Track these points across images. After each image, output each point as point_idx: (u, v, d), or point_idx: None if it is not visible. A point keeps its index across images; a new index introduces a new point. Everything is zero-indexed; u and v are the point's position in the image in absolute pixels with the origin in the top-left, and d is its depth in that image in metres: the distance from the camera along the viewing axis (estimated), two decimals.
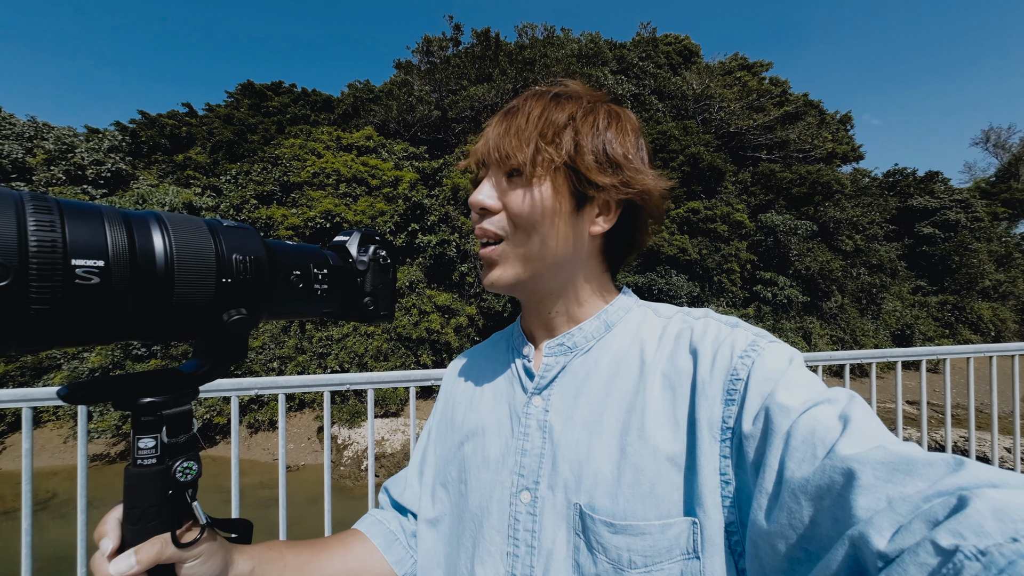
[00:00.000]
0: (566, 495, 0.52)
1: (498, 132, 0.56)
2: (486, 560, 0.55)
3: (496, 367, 0.69)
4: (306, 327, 10.58)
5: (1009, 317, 18.21)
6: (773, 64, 18.91)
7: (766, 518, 0.38)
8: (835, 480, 0.33)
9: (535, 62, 15.16)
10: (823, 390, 0.43)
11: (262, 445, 9.50)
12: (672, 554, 0.45)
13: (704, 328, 0.54)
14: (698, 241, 13.06)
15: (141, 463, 0.40)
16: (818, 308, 14.31)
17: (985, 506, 0.25)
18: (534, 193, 0.54)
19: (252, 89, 17.15)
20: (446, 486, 0.65)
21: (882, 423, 0.39)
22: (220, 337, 0.41)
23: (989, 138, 27.35)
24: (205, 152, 14.54)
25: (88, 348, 9.60)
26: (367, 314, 0.57)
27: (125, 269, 0.33)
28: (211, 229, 0.40)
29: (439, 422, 0.73)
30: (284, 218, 11.11)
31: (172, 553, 0.41)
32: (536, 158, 0.53)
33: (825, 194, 14.99)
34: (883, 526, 0.28)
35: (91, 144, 12.34)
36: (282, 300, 0.46)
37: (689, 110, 16.44)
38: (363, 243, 0.57)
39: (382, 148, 13.69)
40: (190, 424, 0.43)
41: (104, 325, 0.34)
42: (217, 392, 1.46)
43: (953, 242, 19.03)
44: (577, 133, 0.54)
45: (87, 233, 0.32)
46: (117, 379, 0.39)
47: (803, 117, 17.13)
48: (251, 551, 0.52)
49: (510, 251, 0.57)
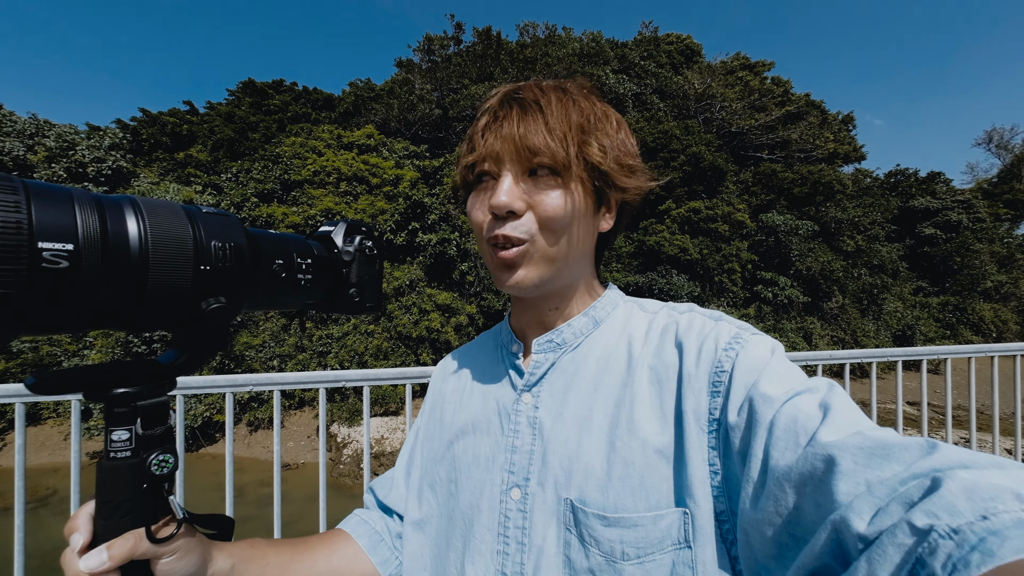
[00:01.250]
0: (556, 491, 0.52)
1: (525, 128, 0.52)
2: (476, 559, 0.54)
3: (485, 366, 0.69)
4: (306, 325, 10.57)
5: (1011, 318, 18.16)
6: (775, 64, 18.86)
7: (753, 506, 0.39)
8: (817, 467, 0.35)
9: (536, 61, 15.15)
10: (804, 380, 0.44)
11: (262, 443, 9.51)
12: (664, 545, 0.45)
13: (689, 322, 0.55)
14: (699, 241, 13.04)
15: (115, 456, 0.39)
16: (819, 308, 14.28)
17: (957, 486, 0.26)
18: (571, 195, 0.53)
19: (253, 87, 17.16)
20: (434, 487, 0.64)
21: (860, 410, 0.40)
22: (198, 326, 0.40)
23: (992, 139, 27.28)
24: (206, 150, 14.55)
25: (89, 345, 9.62)
26: (352, 305, 0.56)
27: (96, 253, 0.32)
28: (189, 215, 0.39)
29: (427, 422, 0.72)
30: (285, 216, 11.11)
31: (147, 548, 0.40)
32: (578, 158, 0.52)
33: (826, 194, 14.96)
34: (863, 509, 0.29)
35: (92, 142, 12.34)
36: (264, 290, 0.45)
37: (691, 110, 16.40)
38: (349, 233, 0.56)
39: (383, 147, 13.69)
40: (166, 416, 0.42)
41: (75, 312, 0.33)
42: (213, 389, 1.45)
43: (955, 243, 18.97)
44: (603, 134, 0.55)
45: (55, 215, 0.30)
46: (89, 369, 0.38)
47: (805, 117, 17.08)
48: (231, 548, 0.51)
49: (535, 252, 0.54)
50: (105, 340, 9.31)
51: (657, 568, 0.45)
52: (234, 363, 9.88)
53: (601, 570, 0.46)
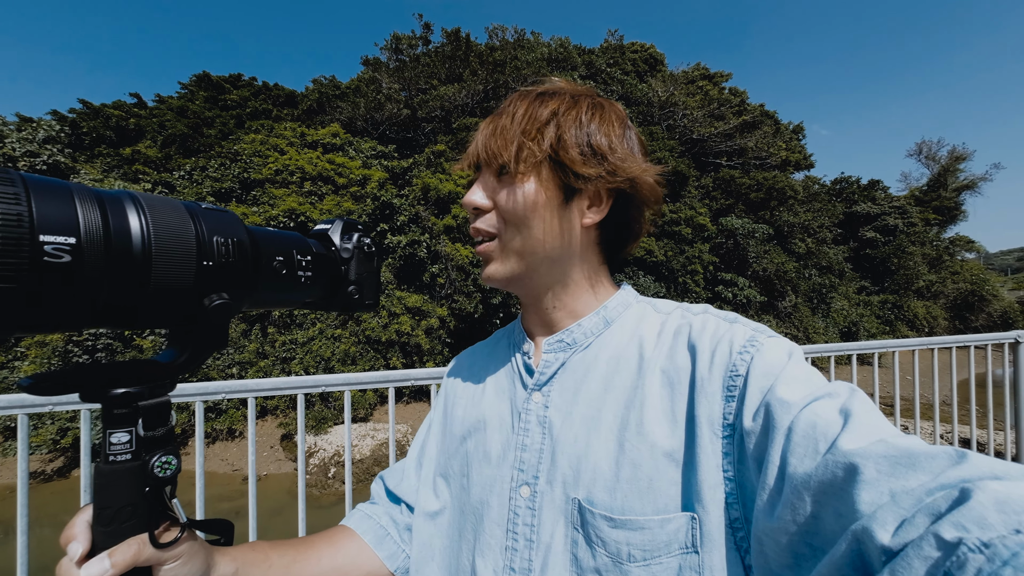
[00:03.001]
0: (564, 490, 0.52)
1: (486, 134, 0.58)
2: (486, 553, 0.55)
3: (497, 364, 0.69)
4: (268, 330, 10.13)
5: (940, 314, 19.89)
6: (732, 75, 19.86)
7: (769, 514, 0.38)
8: (837, 475, 0.34)
9: (506, 64, 15.21)
10: (823, 384, 0.43)
11: (220, 455, 9.01)
12: (671, 548, 0.45)
13: (703, 324, 0.54)
14: (664, 243, 13.49)
15: (114, 459, 0.37)
16: (775, 307, 15.09)
17: (988, 498, 0.25)
18: (520, 189, 0.55)
19: (208, 81, 16.28)
20: (447, 479, 0.65)
21: (883, 416, 0.39)
22: (199, 324, 0.39)
23: (921, 150, 29.73)
24: (156, 146, 13.65)
25: (21, 356, 8.79)
26: (352, 303, 0.56)
27: (99, 248, 0.31)
28: (190, 210, 0.39)
29: (440, 416, 0.73)
30: (244, 216, 10.58)
31: (151, 554, 0.39)
32: (519, 155, 0.55)
33: (780, 199, 15.86)
34: (886, 520, 0.28)
35: (24, 134, 11.33)
36: (265, 287, 0.45)
37: (655, 116, 16.97)
38: (346, 231, 0.57)
39: (349, 146, 13.32)
40: (168, 417, 0.41)
41: (76, 308, 0.32)
42: (182, 397, 1.36)
43: (892, 245, 20.62)
44: (560, 127, 0.55)
45: (56, 209, 0.30)
46: (86, 368, 0.36)
47: (760, 126, 18.06)
48: (234, 552, 0.50)
49: (503, 247, 0.58)
50: (40, 350, 8.56)
51: (663, 571, 0.45)
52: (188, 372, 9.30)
53: (607, 570, 0.47)
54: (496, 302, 11.24)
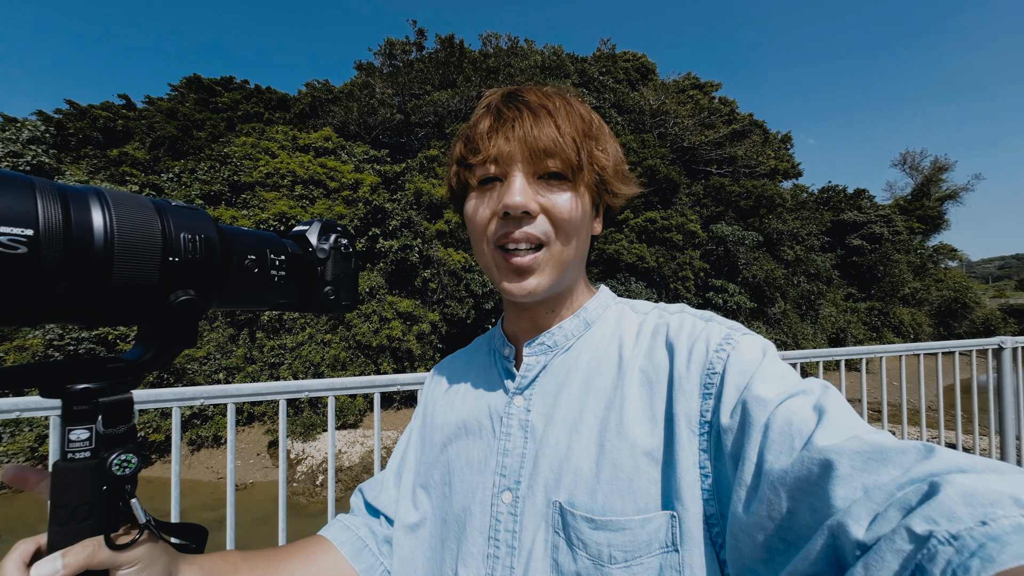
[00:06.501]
0: (546, 493, 0.52)
1: (538, 130, 0.51)
2: (468, 562, 0.54)
3: (478, 369, 0.68)
4: (256, 335, 9.98)
5: (925, 321, 20.26)
6: (722, 85, 20.17)
7: (745, 509, 0.39)
8: (813, 471, 0.34)
9: (499, 71, 15.32)
10: (797, 381, 0.44)
11: (205, 463, 8.81)
12: (651, 548, 0.45)
13: (680, 323, 0.55)
14: (655, 250, 13.59)
15: (72, 457, 0.37)
16: (764, 314, 15.24)
17: (955, 491, 0.26)
18: (581, 198, 0.54)
19: (199, 83, 16.16)
20: (428, 489, 0.63)
21: (855, 412, 0.40)
22: (166, 321, 0.39)
23: (906, 160, 30.47)
24: (144, 148, 13.47)
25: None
26: (328, 304, 0.55)
27: (57, 242, 0.31)
28: (158, 208, 0.38)
29: (420, 425, 0.71)
30: (234, 220, 10.47)
31: (105, 557, 0.37)
32: (591, 160, 0.54)
33: (769, 207, 16.08)
34: (860, 515, 0.29)
35: (7, 134, 11.15)
36: (235, 286, 0.45)
37: (646, 124, 17.17)
38: (323, 232, 0.56)
39: (341, 150, 13.27)
40: (130, 415, 0.39)
41: (32, 303, 0.31)
42: (156, 403, 1.32)
43: (878, 253, 20.99)
44: (603, 141, 0.56)
45: (13, 200, 0.29)
46: (47, 364, 0.36)
47: (749, 135, 18.36)
48: (201, 561, 0.48)
49: (550, 257, 0.55)
50: (19, 355, 8.33)
51: (644, 572, 0.45)
52: (174, 377, 9.12)
53: (588, 573, 0.46)
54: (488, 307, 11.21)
